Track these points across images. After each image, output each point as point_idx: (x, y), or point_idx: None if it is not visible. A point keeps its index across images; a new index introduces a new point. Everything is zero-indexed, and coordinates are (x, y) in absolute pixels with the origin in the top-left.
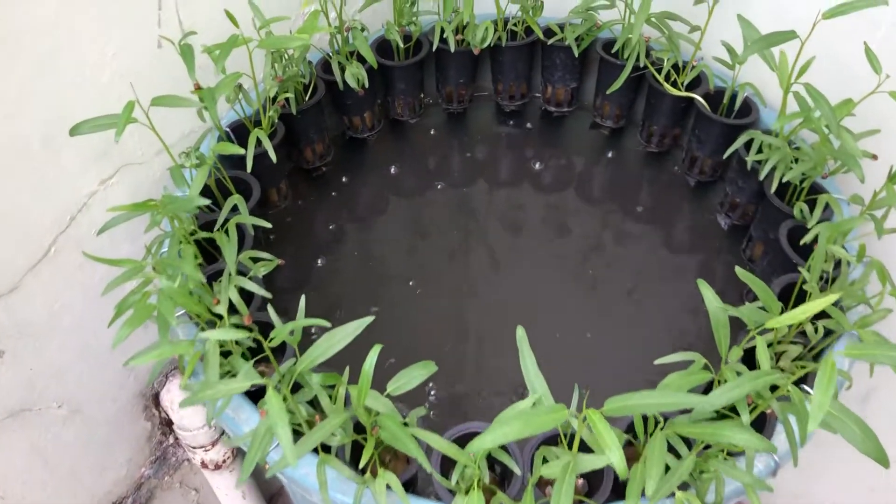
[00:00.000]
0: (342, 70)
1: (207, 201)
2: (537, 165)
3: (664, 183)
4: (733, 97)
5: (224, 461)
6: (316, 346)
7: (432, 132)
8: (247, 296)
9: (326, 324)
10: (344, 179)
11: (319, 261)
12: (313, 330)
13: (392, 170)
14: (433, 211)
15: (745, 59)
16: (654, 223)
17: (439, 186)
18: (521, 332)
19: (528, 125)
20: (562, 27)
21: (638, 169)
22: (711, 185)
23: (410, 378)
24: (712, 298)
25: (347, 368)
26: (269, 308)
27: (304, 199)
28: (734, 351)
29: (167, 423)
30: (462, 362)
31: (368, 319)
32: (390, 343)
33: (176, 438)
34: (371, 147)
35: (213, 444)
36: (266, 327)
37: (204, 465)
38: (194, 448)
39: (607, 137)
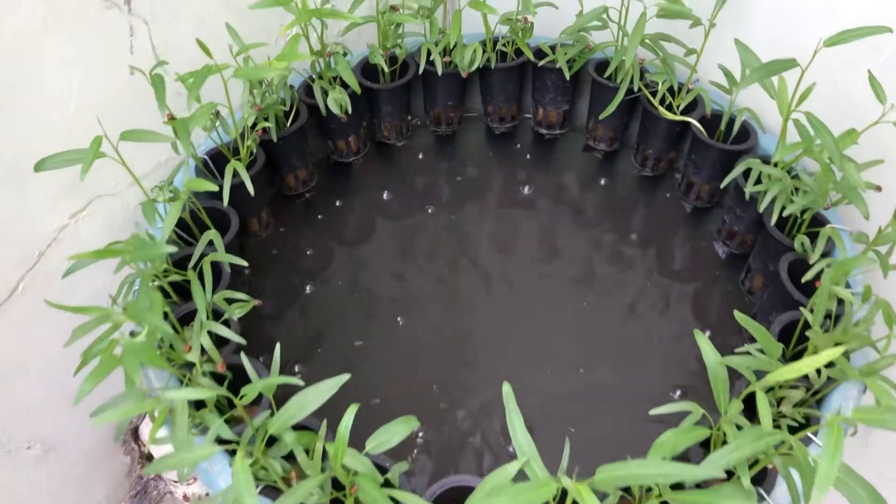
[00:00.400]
0: (325, 95)
1: (174, 249)
2: (528, 190)
3: (659, 208)
4: (731, 122)
5: (207, 493)
6: (288, 406)
7: (420, 155)
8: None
9: (299, 382)
10: (328, 206)
11: (304, 289)
12: (294, 369)
13: (378, 195)
14: (421, 237)
15: (745, 87)
16: (649, 250)
17: (429, 211)
18: (507, 389)
19: (519, 148)
20: (553, 48)
21: (632, 194)
22: (708, 212)
23: (391, 435)
24: (710, 352)
25: (325, 422)
26: (244, 358)
27: (287, 227)
28: (734, 404)
29: (148, 458)
30: (451, 401)
31: (344, 378)
32: (375, 381)
33: (160, 476)
34: (357, 171)
35: (196, 477)
36: (243, 372)
37: (186, 498)
38: (176, 482)
39: (600, 161)
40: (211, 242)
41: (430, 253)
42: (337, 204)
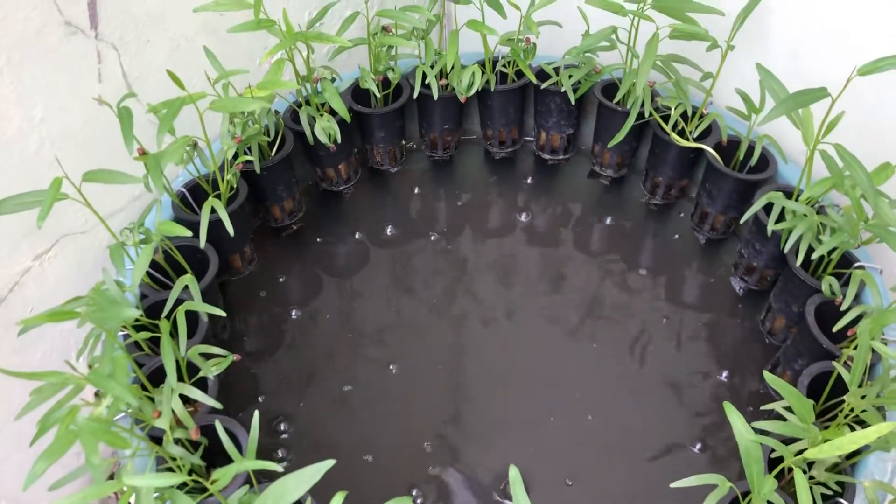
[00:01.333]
0: (312, 123)
1: (138, 313)
2: (530, 218)
3: (671, 240)
4: (749, 149)
5: None
6: (265, 496)
7: (415, 182)
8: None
9: (278, 468)
10: (316, 238)
11: (290, 329)
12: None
13: (371, 225)
14: (416, 270)
15: (771, 120)
16: (659, 285)
17: (424, 241)
18: (514, 474)
19: (521, 174)
20: (556, 70)
21: (641, 223)
22: (723, 244)
23: None
24: (743, 431)
25: (310, 500)
26: (219, 428)
27: (272, 262)
28: (767, 481)
29: None
30: (447, 454)
31: (328, 464)
32: (366, 432)
33: None
34: (347, 200)
35: None
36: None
37: None
38: None
39: (607, 188)
40: (187, 287)
41: (426, 286)
42: (326, 236)
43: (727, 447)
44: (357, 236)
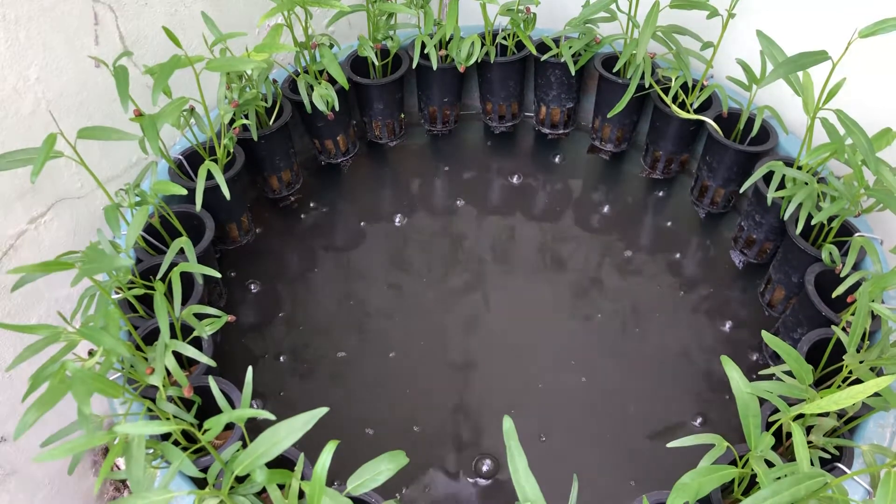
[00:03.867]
0: (310, 91)
1: (130, 261)
2: (530, 193)
3: (671, 214)
4: (749, 121)
5: None
6: (258, 442)
7: (414, 156)
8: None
9: (269, 416)
10: (315, 210)
11: (287, 300)
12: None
13: (369, 198)
14: (415, 244)
15: (770, 83)
16: (659, 258)
17: (423, 215)
18: (508, 424)
19: (520, 148)
20: (557, 41)
21: (641, 198)
22: (723, 217)
23: (376, 473)
24: (740, 382)
25: (302, 457)
26: (212, 383)
27: (270, 233)
28: (764, 437)
29: (122, 480)
30: (445, 421)
31: (321, 412)
32: (364, 402)
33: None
34: (345, 173)
35: None
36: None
37: None
38: None
39: (607, 162)
40: (183, 251)
41: (424, 260)
42: (324, 208)
43: (723, 419)
44: (355, 209)
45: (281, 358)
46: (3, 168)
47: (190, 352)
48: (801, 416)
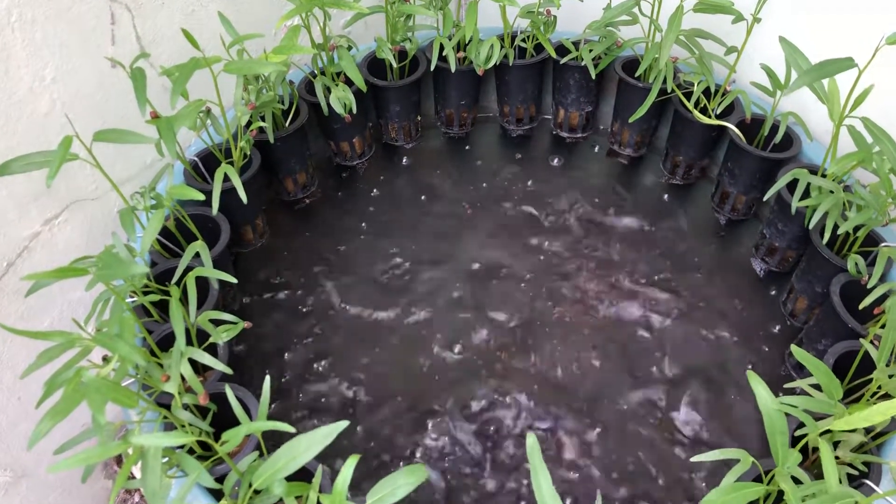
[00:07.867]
0: (327, 93)
1: (146, 269)
2: (548, 197)
3: (691, 220)
4: (773, 127)
5: None
6: (277, 456)
7: (430, 159)
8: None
9: (289, 429)
10: (330, 213)
11: (303, 304)
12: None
13: (385, 201)
14: (431, 248)
15: (794, 91)
16: (679, 266)
17: (439, 219)
18: (531, 441)
19: (538, 152)
20: (576, 44)
21: (661, 204)
22: (744, 224)
23: (395, 488)
24: (766, 398)
25: (320, 469)
26: (228, 391)
27: (284, 235)
28: (791, 454)
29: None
30: (465, 428)
31: (341, 425)
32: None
33: (142, 496)
34: (361, 176)
35: None
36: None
37: None
38: None
39: (626, 167)
40: (198, 255)
41: (440, 266)
42: (339, 211)
43: (746, 426)
44: (370, 212)
45: (299, 361)
46: (20, 171)
47: (206, 360)
48: (827, 430)
